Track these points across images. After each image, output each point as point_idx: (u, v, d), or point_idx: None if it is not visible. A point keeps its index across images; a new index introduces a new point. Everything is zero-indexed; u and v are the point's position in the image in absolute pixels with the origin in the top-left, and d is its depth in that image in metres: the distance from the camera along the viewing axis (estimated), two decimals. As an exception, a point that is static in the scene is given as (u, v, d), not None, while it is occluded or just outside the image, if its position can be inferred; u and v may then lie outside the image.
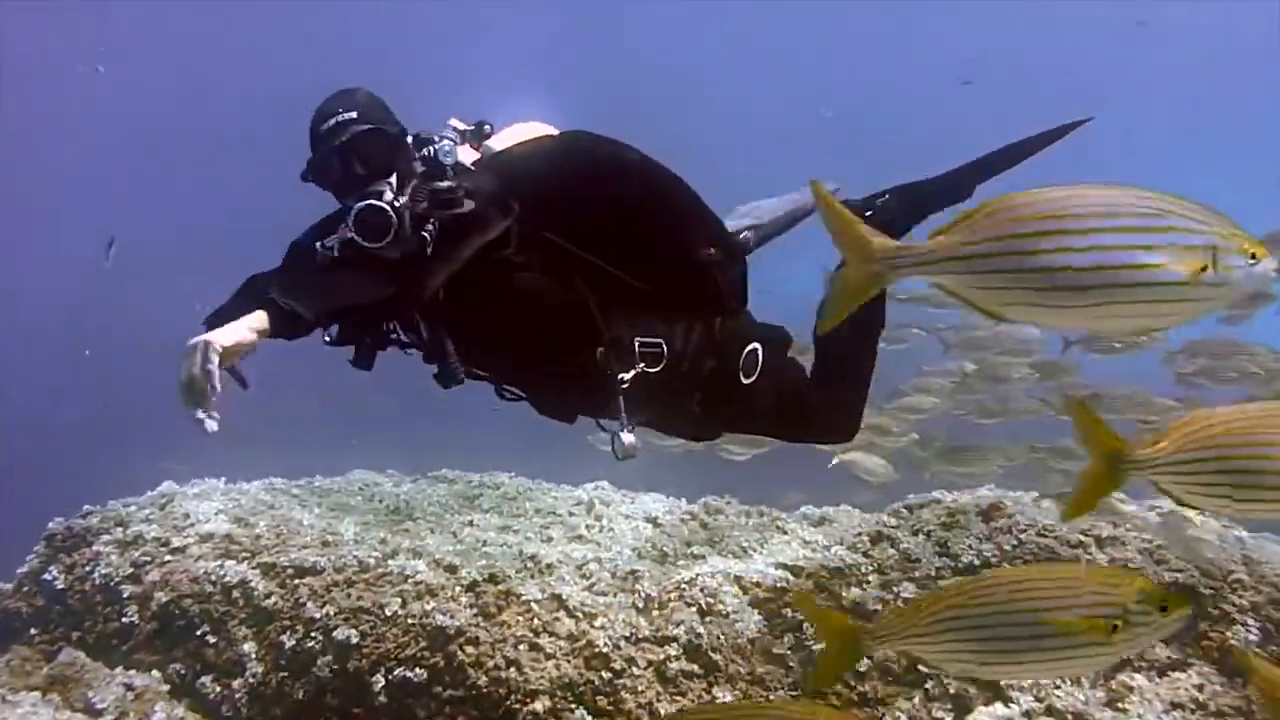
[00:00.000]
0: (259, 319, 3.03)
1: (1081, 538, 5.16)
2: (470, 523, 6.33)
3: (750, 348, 3.82)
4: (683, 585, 5.19)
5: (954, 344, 7.51)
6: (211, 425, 2.85)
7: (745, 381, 3.83)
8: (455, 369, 3.49)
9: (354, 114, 3.29)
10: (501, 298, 3.43)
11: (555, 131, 3.77)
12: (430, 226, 3.22)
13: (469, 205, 3.25)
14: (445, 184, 3.29)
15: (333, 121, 3.29)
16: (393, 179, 3.27)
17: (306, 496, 6.58)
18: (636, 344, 3.57)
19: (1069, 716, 4.39)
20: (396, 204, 3.20)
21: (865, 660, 4.74)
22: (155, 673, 4.82)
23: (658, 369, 3.59)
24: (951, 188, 4.10)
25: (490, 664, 4.74)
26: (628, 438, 3.61)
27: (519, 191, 3.37)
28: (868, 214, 4.16)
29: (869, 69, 27.29)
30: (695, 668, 4.72)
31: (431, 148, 3.35)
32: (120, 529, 5.51)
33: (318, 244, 3.30)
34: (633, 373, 3.55)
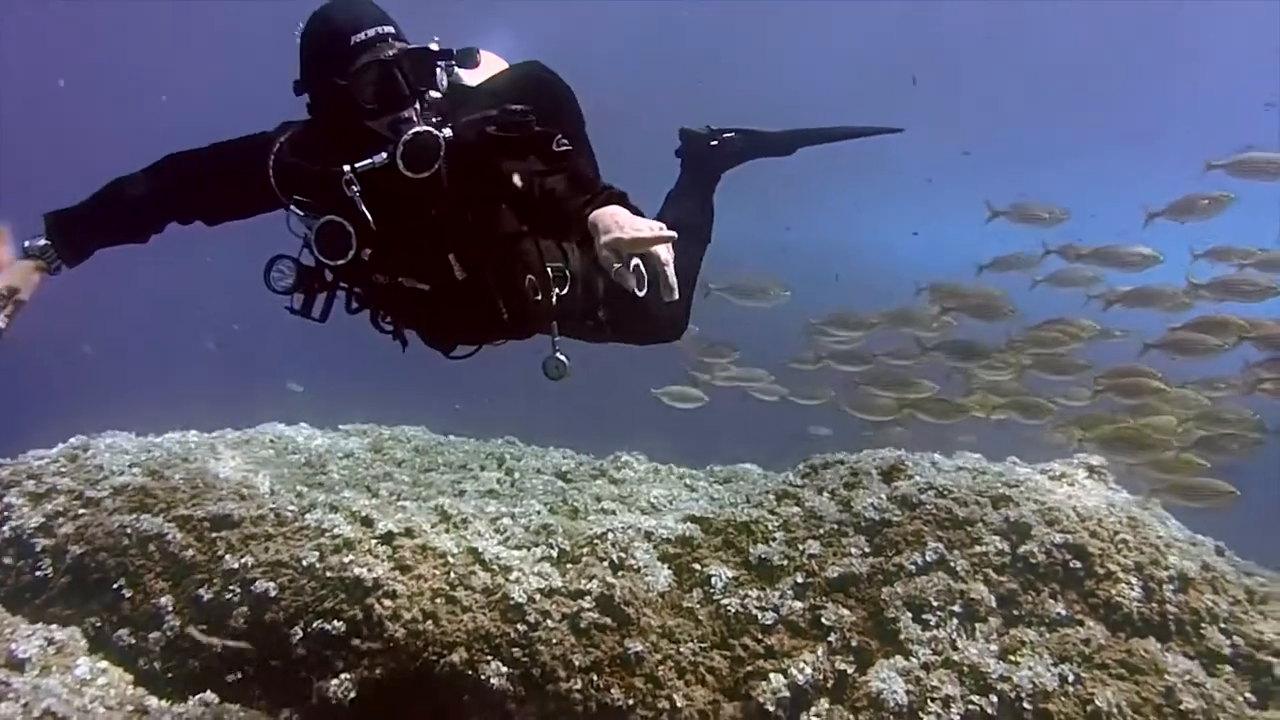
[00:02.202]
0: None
1: (978, 499, 5.38)
2: (386, 475, 6.40)
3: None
4: (595, 540, 5.32)
5: (1115, 300, 7.45)
6: None
7: (640, 295, 4.08)
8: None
9: (392, 29, 3.26)
10: (500, 230, 3.61)
11: (504, 63, 3.87)
12: (565, 144, 3.34)
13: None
14: (519, 106, 3.34)
15: (373, 33, 3.21)
16: (417, 105, 3.28)
17: (220, 449, 6.55)
18: (550, 269, 3.75)
19: (965, 668, 4.60)
20: (443, 134, 3.26)
21: (771, 614, 4.93)
22: (73, 627, 4.80)
23: (565, 291, 3.80)
24: (780, 145, 5.01)
25: (407, 616, 4.83)
26: (561, 357, 3.81)
27: None
28: (713, 144, 4.74)
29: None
30: (608, 620, 4.85)
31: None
32: (32, 481, 5.45)
33: (346, 166, 3.26)
34: (555, 296, 3.74)
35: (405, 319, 3.87)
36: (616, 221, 2.90)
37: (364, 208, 3.32)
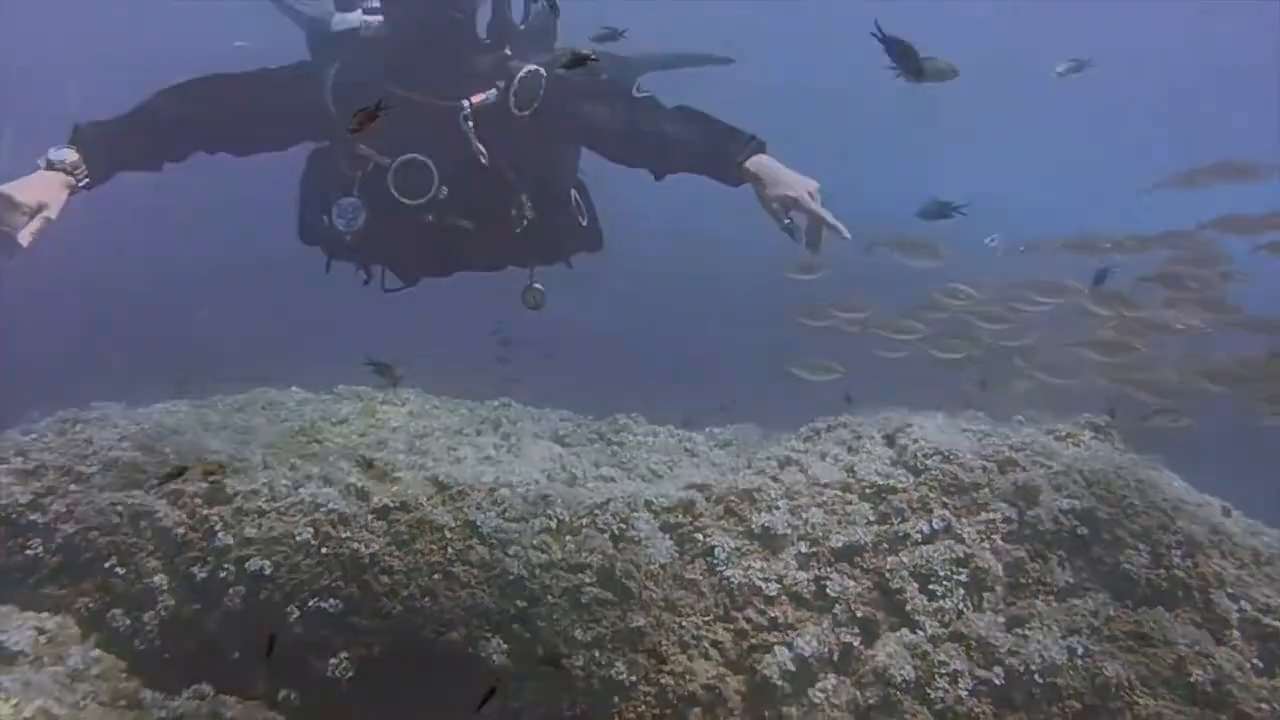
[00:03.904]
0: None
1: (984, 463, 5.30)
2: (381, 443, 6.29)
3: (574, 195, 4.11)
4: (594, 510, 5.23)
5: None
6: None
7: (583, 224, 4.10)
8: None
9: None
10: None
11: None
12: (645, 90, 3.46)
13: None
14: (587, 53, 3.42)
15: None
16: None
17: (210, 418, 6.43)
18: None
19: (972, 641, 4.56)
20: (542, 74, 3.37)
21: (775, 585, 4.86)
22: (64, 614, 4.71)
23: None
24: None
25: (405, 593, 4.76)
26: (539, 286, 3.85)
27: None
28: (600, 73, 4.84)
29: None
30: (609, 594, 4.79)
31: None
32: (19, 458, 5.31)
33: (464, 102, 3.29)
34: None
35: (415, 254, 3.84)
36: (782, 176, 3.08)
37: (478, 144, 3.28)
